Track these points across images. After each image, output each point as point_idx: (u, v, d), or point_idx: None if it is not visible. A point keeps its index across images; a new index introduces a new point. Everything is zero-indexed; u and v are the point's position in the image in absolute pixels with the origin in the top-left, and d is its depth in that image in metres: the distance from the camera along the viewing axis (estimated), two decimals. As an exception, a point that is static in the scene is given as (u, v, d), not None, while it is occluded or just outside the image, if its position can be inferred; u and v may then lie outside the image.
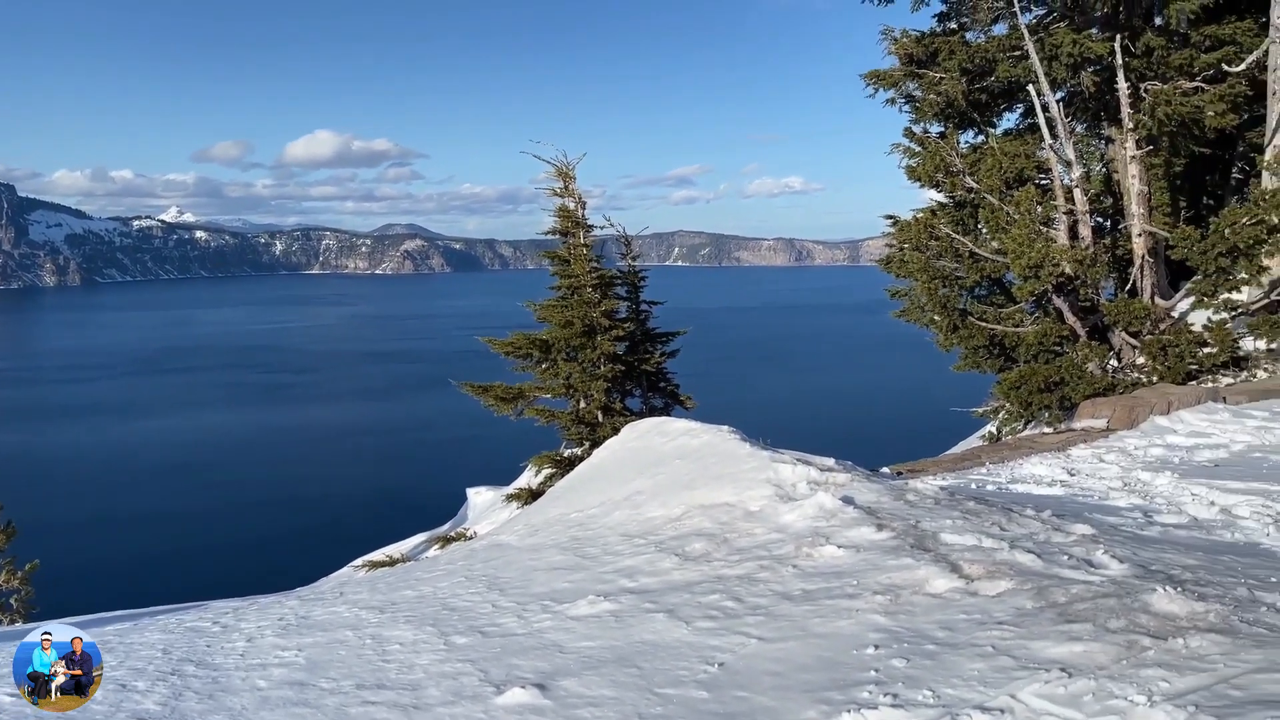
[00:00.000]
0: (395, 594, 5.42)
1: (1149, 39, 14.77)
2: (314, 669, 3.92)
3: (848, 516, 4.46)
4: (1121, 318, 13.08)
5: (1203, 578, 3.57)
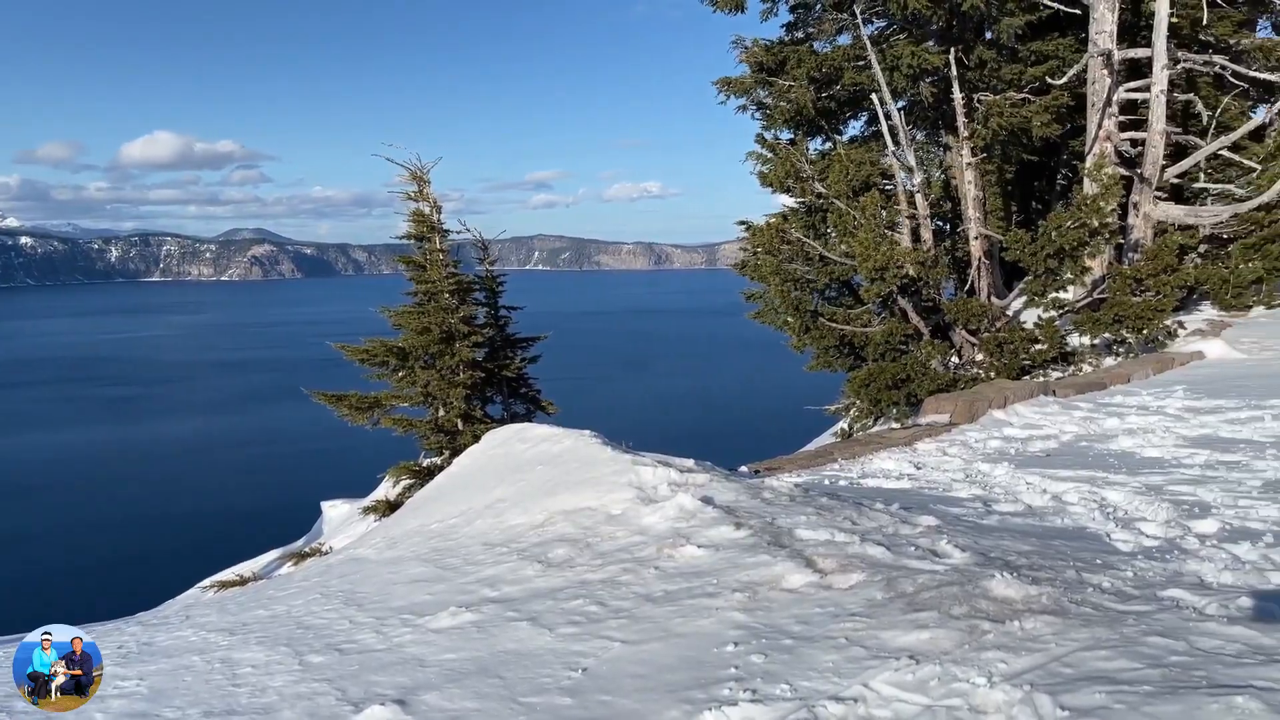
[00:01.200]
0: (246, 614, 5.20)
1: (981, 52, 15.63)
2: (158, 698, 3.71)
3: (707, 516, 4.53)
4: (961, 317, 13.76)
5: (1036, 562, 3.79)
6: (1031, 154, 17.75)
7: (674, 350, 64.84)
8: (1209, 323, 14.00)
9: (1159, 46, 14.63)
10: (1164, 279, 13.36)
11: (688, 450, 7.79)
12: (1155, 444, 7.93)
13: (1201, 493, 5.92)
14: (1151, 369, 11.79)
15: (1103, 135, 15.56)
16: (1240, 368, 11.68)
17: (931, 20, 14.65)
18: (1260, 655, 2.73)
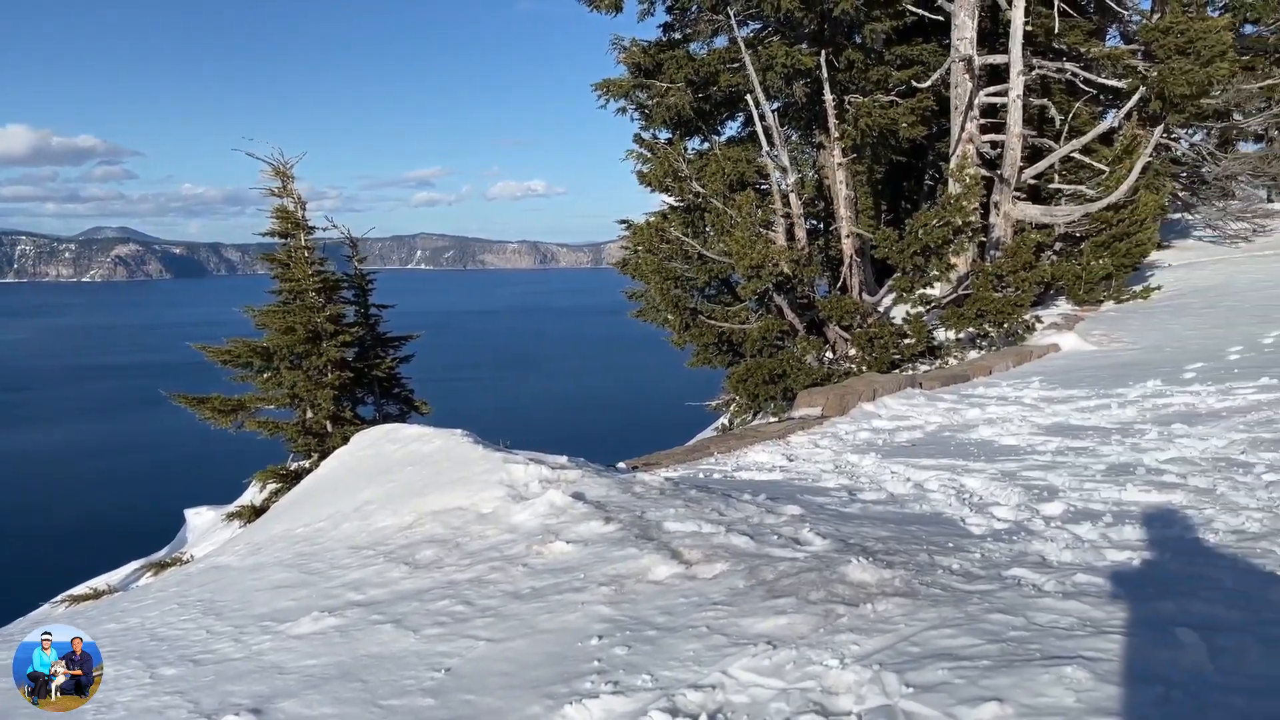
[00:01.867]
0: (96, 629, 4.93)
1: (851, 55, 16.09)
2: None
3: (577, 512, 4.53)
4: (834, 313, 14.15)
5: (892, 547, 3.91)
6: (900, 155, 18.38)
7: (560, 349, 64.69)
8: (1064, 317, 14.76)
9: (1015, 53, 15.33)
10: (1022, 275, 14.01)
11: (572, 448, 7.75)
12: (1012, 432, 8.30)
13: (1051, 477, 6.22)
14: (1011, 361, 12.35)
15: (965, 137, 16.22)
16: (1091, 359, 12.33)
17: (804, 23, 15.00)
18: (1090, 627, 2.89)
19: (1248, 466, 6.32)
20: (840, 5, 14.53)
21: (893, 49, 16.77)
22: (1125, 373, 10.90)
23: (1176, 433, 7.63)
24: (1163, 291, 16.67)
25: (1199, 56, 17.55)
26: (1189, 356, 11.55)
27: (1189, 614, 2.97)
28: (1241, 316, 13.93)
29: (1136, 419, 8.47)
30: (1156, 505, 5.19)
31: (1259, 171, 24.37)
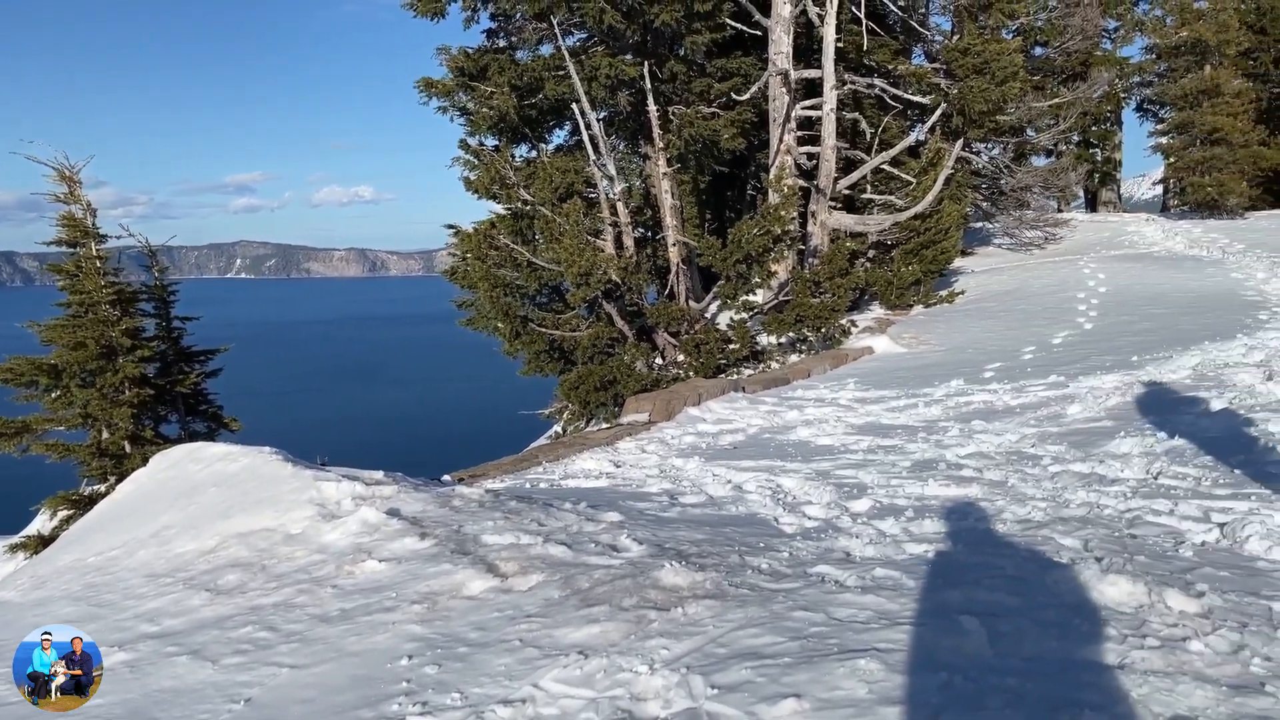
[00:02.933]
0: None
1: (673, 66, 16.39)
2: None
3: (392, 529, 4.39)
4: (662, 320, 14.36)
5: (706, 550, 3.98)
6: (723, 165, 18.88)
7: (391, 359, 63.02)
8: (877, 320, 15.50)
9: (828, 69, 16.01)
10: (838, 282, 14.63)
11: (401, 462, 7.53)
12: (828, 433, 8.64)
13: (861, 475, 6.51)
14: (829, 364, 12.86)
15: (784, 149, 16.81)
16: (901, 360, 12.99)
17: (627, 34, 15.17)
18: (885, 620, 3.02)
19: (1036, 459, 6.80)
20: (660, 17, 14.77)
21: (714, 62, 17.20)
22: (932, 373, 11.54)
23: (976, 429, 8.13)
24: (966, 296, 17.76)
25: (994, 76, 18.83)
26: (988, 357, 12.34)
27: (974, 602, 3.15)
28: (1035, 319, 15.01)
29: (941, 417, 8.98)
30: (954, 499, 5.50)
31: (1049, 183, 26.35)
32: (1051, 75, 29.22)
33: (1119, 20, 34.04)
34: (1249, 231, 24.09)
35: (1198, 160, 27.50)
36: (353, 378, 52.68)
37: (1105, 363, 10.90)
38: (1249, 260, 18.95)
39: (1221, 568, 3.86)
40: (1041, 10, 27.24)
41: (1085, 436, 7.47)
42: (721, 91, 16.69)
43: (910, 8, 20.12)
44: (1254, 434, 6.95)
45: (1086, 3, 30.28)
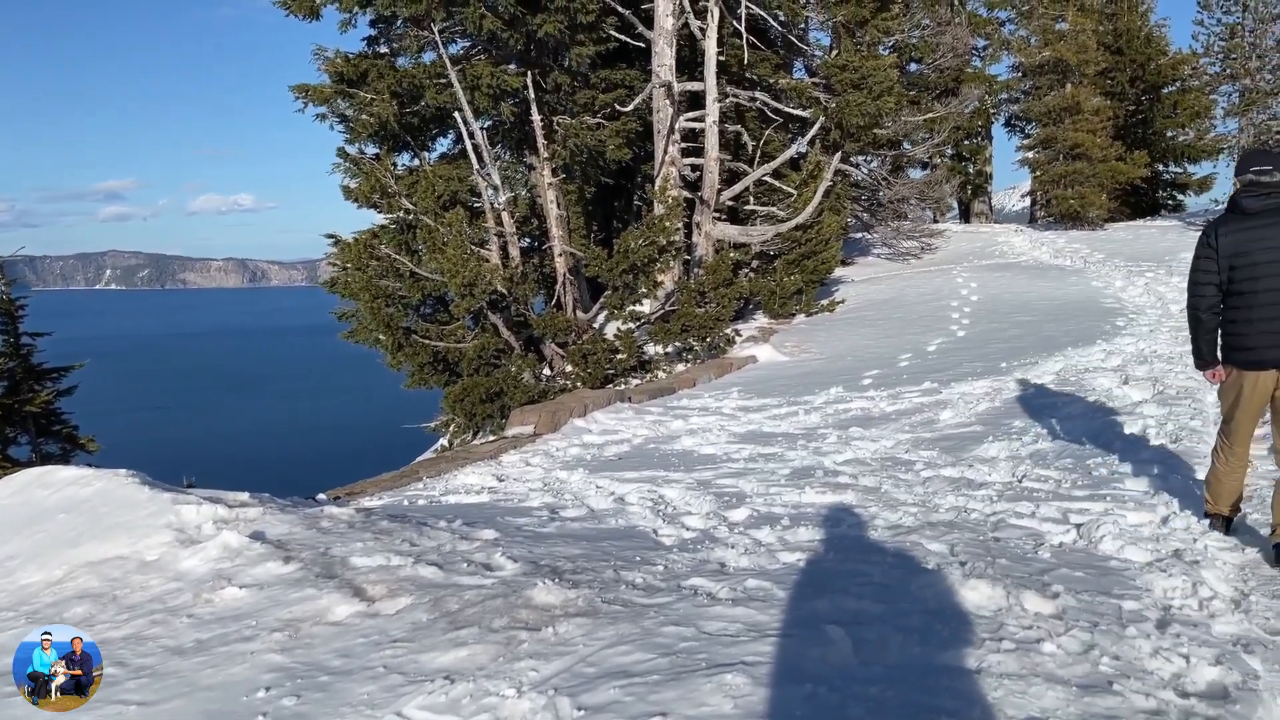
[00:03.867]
0: None
1: (557, 77, 16.33)
2: None
3: (254, 553, 4.21)
4: (549, 330, 14.27)
5: (581, 566, 3.94)
6: (609, 176, 18.89)
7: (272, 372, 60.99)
8: (760, 330, 15.75)
9: (710, 81, 16.22)
10: (722, 292, 14.80)
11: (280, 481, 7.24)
12: (711, 442, 8.71)
13: (742, 484, 6.57)
14: (714, 373, 12.99)
15: (668, 160, 16.94)
16: (784, 369, 13.23)
17: (509, 43, 15.05)
18: (754, 632, 3.03)
19: (909, 464, 6.99)
20: (543, 27, 14.72)
21: (599, 73, 17.22)
22: (813, 380, 11.78)
23: (853, 436, 8.32)
24: (846, 304, 18.21)
25: (870, 91, 19.43)
26: (867, 364, 12.67)
27: (841, 610, 3.19)
28: (911, 326, 15.49)
29: (820, 424, 9.16)
30: (829, 505, 5.60)
31: (924, 195, 27.30)
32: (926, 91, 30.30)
33: (988, 39, 35.56)
34: (1108, 242, 25.41)
35: (1061, 174, 28.88)
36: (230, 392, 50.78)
37: (976, 368, 11.30)
38: (1108, 269, 19.98)
39: (1077, 568, 4.02)
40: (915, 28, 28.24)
41: (956, 441, 7.72)
42: (606, 102, 16.71)
43: (790, 23, 20.55)
44: (1111, 436, 7.29)
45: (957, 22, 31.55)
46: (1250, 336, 4.42)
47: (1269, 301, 4.35)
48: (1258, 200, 4.40)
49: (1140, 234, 26.84)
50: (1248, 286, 4.40)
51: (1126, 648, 3.03)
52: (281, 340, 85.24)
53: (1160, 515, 5.13)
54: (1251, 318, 4.40)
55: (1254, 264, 4.37)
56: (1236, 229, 4.44)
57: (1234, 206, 4.53)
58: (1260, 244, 4.36)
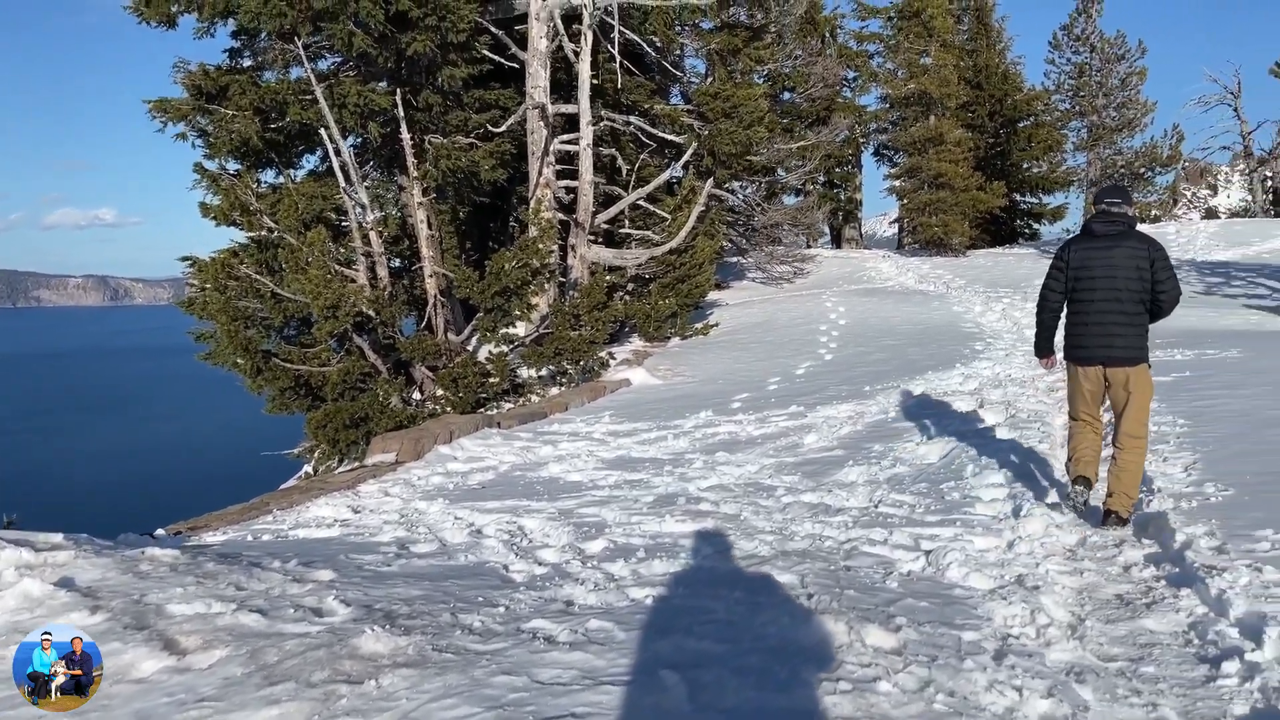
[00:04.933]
0: None
1: (429, 96, 16.04)
2: None
3: (59, 602, 3.85)
4: (417, 354, 13.91)
5: (419, 609, 3.74)
6: (484, 196, 18.66)
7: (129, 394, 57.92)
8: (635, 353, 15.73)
9: (584, 105, 16.20)
10: (596, 315, 14.73)
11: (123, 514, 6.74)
12: (579, 468, 8.57)
13: (604, 512, 6.45)
14: (586, 397, 12.88)
15: (543, 182, 16.83)
16: (657, 392, 13.21)
17: (379, 60, 14.71)
18: (588, 680, 2.90)
19: (771, 490, 7.00)
20: (414, 46, 14.45)
21: (471, 93, 17.01)
22: (684, 404, 11.78)
23: (719, 461, 8.31)
24: (720, 328, 18.39)
25: (742, 120, 19.76)
26: (737, 387, 12.77)
27: (682, 652, 3.09)
28: (781, 350, 15.72)
29: (688, 449, 9.13)
30: (688, 534, 5.53)
31: (797, 221, 27.93)
32: (799, 119, 31.12)
33: (858, 71, 36.80)
34: (969, 268, 26.47)
35: (926, 202, 30.01)
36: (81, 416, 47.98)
37: (842, 392, 11.51)
38: (968, 295, 20.77)
39: (922, 598, 4.03)
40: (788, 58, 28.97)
41: (818, 466, 7.80)
42: (480, 123, 16.51)
43: (665, 50, 20.77)
44: (964, 460, 7.47)
45: (827, 54, 32.53)
46: (1084, 337, 5.37)
47: (1100, 310, 5.28)
48: (1105, 226, 5.32)
49: (999, 261, 28.06)
50: (1086, 296, 5.33)
51: (963, 682, 3.03)
52: (143, 360, 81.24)
53: (1006, 540, 5.24)
54: (1086, 322, 5.35)
55: (1093, 278, 5.29)
56: (1085, 247, 5.38)
57: (1086, 229, 5.49)
58: (1100, 261, 5.28)
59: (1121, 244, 5.26)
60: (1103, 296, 5.26)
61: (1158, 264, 5.21)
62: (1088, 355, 5.37)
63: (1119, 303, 5.24)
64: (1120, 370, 5.30)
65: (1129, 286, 5.22)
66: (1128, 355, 5.28)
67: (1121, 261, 5.23)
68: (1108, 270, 5.23)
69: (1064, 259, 5.43)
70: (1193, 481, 5.95)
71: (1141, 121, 31.17)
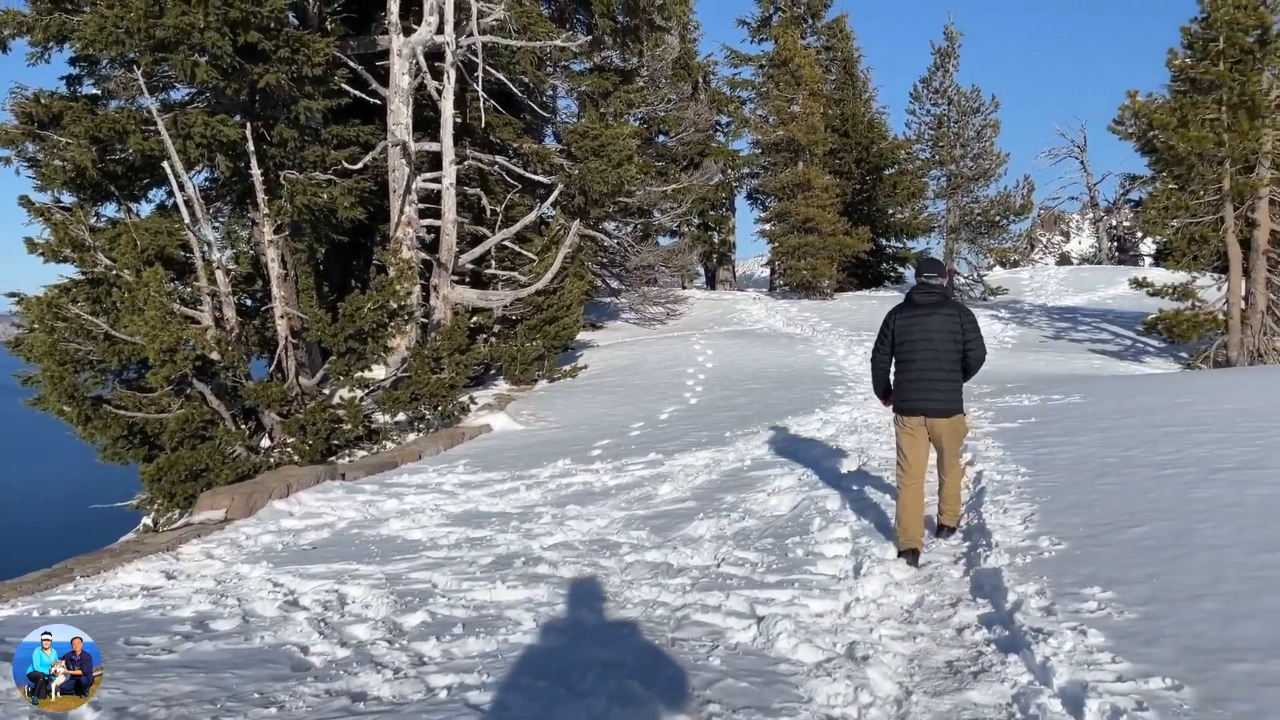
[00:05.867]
0: None
1: (284, 130, 15.42)
2: None
3: None
4: (263, 400, 13.18)
5: (177, 712, 3.32)
6: (345, 234, 17.99)
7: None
8: (498, 397, 15.32)
9: (446, 143, 15.86)
10: (457, 358, 14.30)
11: None
12: (422, 524, 8.13)
13: (436, 577, 6.06)
14: (443, 444, 12.42)
15: (404, 221, 16.35)
16: (517, 439, 12.85)
17: (228, 92, 14.05)
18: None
19: (615, 548, 6.74)
20: (265, 79, 13.87)
21: (329, 128, 16.45)
22: (543, 452, 11.46)
23: (569, 515, 8.01)
24: (589, 370, 18.16)
25: (611, 159, 19.72)
26: (600, 433, 12.52)
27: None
28: (648, 394, 15.57)
29: (539, 501, 8.80)
30: (517, 603, 5.21)
31: (669, 262, 28.04)
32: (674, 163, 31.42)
33: (730, 116, 37.51)
34: (835, 311, 27.04)
35: (795, 246, 30.59)
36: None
37: (702, 438, 11.38)
38: (833, 338, 21.14)
39: (744, 676, 3.82)
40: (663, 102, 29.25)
41: (668, 520, 7.58)
42: (338, 159, 15.95)
43: (536, 90, 20.62)
44: (813, 512, 7.38)
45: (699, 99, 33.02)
46: (909, 392, 6.06)
47: (920, 369, 6.00)
48: (925, 296, 6.05)
49: (863, 304, 28.77)
50: (908, 357, 6.05)
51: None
52: (-17, 402, 75.56)
53: (843, 603, 5.11)
54: (910, 379, 6.05)
55: (914, 342, 6.01)
56: (908, 315, 6.09)
57: (909, 299, 6.15)
58: (920, 328, 6.01)
59: (938, 312, 6.00)
60: (923, 357, 5.99)
61: (968, 329, 5.99)
62: (911, 408, 6.05)
63: (938, 362, 5.97)
64: (940, 420, 6.01)
65: (945, 348, 5.96)
66: (946, 407, 6.00)
67: (938, 327, 5.97)
68: (926, 335, 5.98)
69: (890, 326, 6.16)
70: (1029, 535, 5.97)
71: (996, 172, 32.55)
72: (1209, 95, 19.05)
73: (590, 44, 22.26)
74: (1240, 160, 19.19)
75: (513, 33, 17.31)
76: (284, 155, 15.75)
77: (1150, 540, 5.58)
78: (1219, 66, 18.78)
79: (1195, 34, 19.47)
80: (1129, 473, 7.34)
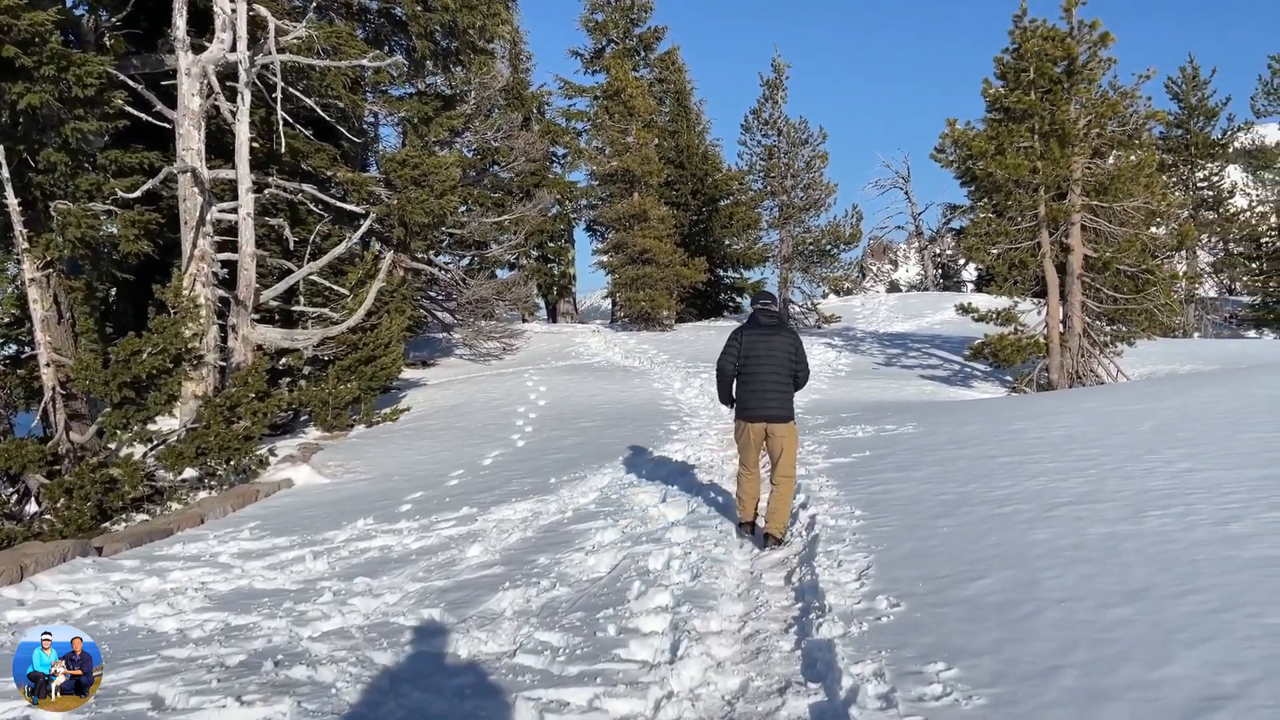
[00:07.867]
0: None
1: (52, 155, 13.70)
2: None
3: None
4: (16, 460, 11.44)
5: None
6: (131, 272, 16.20)
7: None
8: (303, 447, 13.92)
9: (243, 170, 14.46)
10: (256, 405, 12.88)
11: None
12: (179, 609, 6.84)
13: (163, 688, 4.85)
14: (232, 504, 11.00)
15: (198, 255, 14.79)
16: (320, 494, 11.56)
17: (-21, 110, 12.32)
18: None
19: (397, 635, 5.71)
20: (26, 99, 12.25)
21: (107, 154, 14.78)
22: (345, 509, 10.26)
23: (356, 590, 6.89)
24: (412, 412, 16.94)
25: (432, 188, 18.64)
26: (413, 485, 11.39)
27: None
28: (472, 437, 14.50)
29: (325, 573, 7.64)
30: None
31: (503, 295, 27.02)
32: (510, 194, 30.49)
33: (566, 147, 36.93)
34: (673, 342, 26.63)
35: (633, 277, 30.15)
36: None
37: (524, 487, 10.43)
38: (670, 370, 20.60)
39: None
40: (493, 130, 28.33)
41: (469, 592, 6.58)
42: (118, 188, 14.29)
43: (351, 114, 19.33)
44: (633, 573, 6.56)
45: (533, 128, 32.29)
46: (751, 400, 7.12)
47: (762, 381, 7.07)
48: (767, 318, 7.25)
49: (701, 334, 28.52)
50: (753, 370, 7.12)
51: None
52: None
53: (653, 700, 4.28)
54: (753, 389, 7.10)
55: (759, 357, 7.10)
56: (752, 333, 7.22)
57: (754, 320, 7.30)
58: (764, 345, 7.12)
59: (779, 333, 7.18)
60: (766, 371, 7.06)
61: (799, 350, 7.20)
62: (752, 414, 7.11)
63: (777, 375, 7.05)
64: (778, 425, 7.07)
65: (783, 365, 7.07)
66: (782, 414, 7.09)
67: (780, 346, 7.10)
68: (770, 352, 7.08)
69: (738, 341, 7.21)
70: (865, 594, 5.33)
71: (826, 201, 33.13)
72: (1022, 124, 19.61)
73: (412, 68, 21.10)
74: (1054, 186, 19.81)
75: (320, 53, 16.04)
76: (53, 183, 14.01)
77: (994, 595, 5.01)
78: (1030, 96, 19.36)
79: (1007, 64, 20.06)
80: (966, 511, 6.86)
